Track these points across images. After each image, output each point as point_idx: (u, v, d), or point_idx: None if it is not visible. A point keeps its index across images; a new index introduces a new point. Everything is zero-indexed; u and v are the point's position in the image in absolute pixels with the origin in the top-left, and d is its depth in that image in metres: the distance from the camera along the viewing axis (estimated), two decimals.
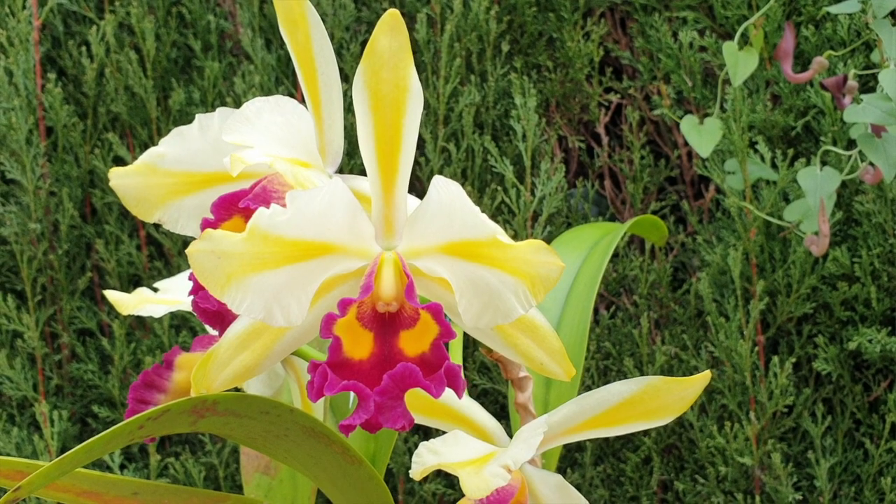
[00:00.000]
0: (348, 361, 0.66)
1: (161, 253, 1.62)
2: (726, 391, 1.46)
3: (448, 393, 0.67)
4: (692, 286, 1.52)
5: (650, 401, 0.82)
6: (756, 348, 1.44)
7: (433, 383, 0.64)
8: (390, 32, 0.67)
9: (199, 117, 0.79)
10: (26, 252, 1.54)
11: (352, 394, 1.09)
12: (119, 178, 0.80)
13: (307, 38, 0.76)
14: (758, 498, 1.43)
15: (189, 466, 1.49)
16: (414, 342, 0.67)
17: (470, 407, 0.85)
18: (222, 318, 0.75)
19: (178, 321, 1.56)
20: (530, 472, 0.81)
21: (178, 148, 0.79)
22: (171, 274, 1.57)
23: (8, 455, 1.49)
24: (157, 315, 0.90)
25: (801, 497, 1.41)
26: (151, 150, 0.80)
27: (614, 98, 1.61)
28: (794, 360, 1.42)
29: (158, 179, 0.80)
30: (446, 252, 0.68)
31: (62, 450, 1.49)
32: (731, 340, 1.44)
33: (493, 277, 0.66)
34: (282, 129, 0.75)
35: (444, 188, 0.66)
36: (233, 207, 0.76)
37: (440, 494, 1.51)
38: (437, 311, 0.65)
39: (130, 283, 1.57)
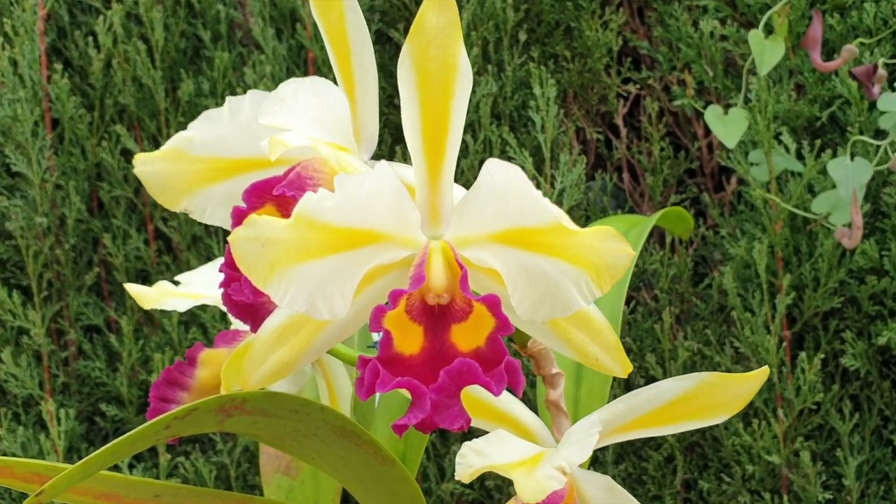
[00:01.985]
0: (399, 357, 0.61)
1: (169, 248, 1.57)
2: None
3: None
4: (714, 280, 1.48)
5: (704, 398, 0.77)
6: (783, 344, 1.40)
7: (493, 380, 0.59)
8: (438, 8, 0.62)
9: (230, 100, 0.74)
10: (32, 247, 1.49)
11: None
12: (145, 165, 0.75)
13: (341, 18, 0.71)
14: (785, 497, 1.39)
15: (199, 466, 1.44)
16: (467, 336, 0.62)
17: (512, 404, 0.80)
18: (255, 311, 0.70)
19: (188, 317, 1.51)
20: (578, 473, 0.77)
21: (207, 132, 0.75)
22: (179, 270, 1.52)
23: (13, 455, 1.44)
24: (180, 309, 0.85)
25: (830, 496, 1.37)
26: (180, 135, 0.75)
27: (633, 89, 1.57)
28: (822, 356, 1.37)
29: (186, 166, 0.75)
30: (499, 241, 0.63)
31: (69, 449, 1.45)
32: (758, 336, 1.39)
33: (552, 267, 0.61)
34: (318, 112, 0.70)
35: (500, 171, 0.62)
36: (265, 195, 0.72)
37: (458, 494, 1.46)
38: (493, 304, 0.61)
39: (138, 278, 1.52)
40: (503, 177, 0.62)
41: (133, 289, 0.87)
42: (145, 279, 1.52)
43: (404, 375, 0.60)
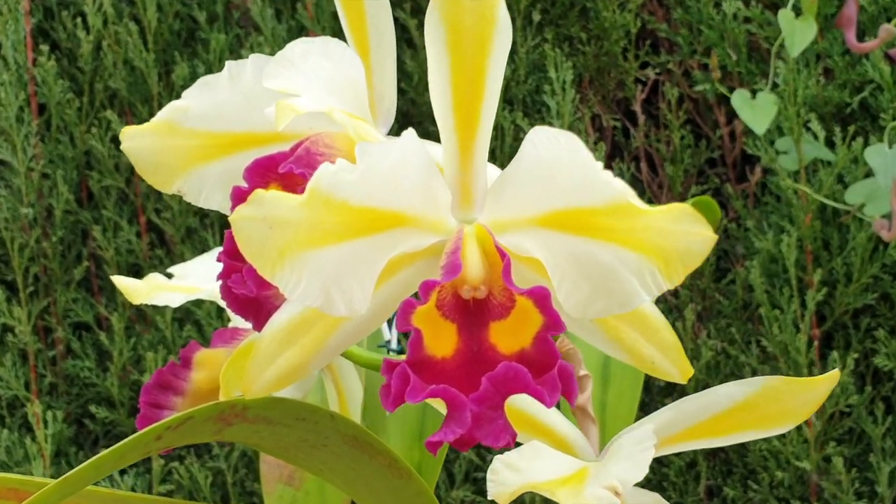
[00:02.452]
0: (431, 360, 0.52)
1: (163, 240, 1.47)
2: None
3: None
4: (738, 275, 1.38)
5: (767, 405, 0.68)
6: (814, 343, 1.31)
7: (545, 388, 0.49)
8: None
9: (229, 64, 0.65)
10: (17, 239, 1.39)
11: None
12: (132, 140, 0.65)
13: None
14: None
15: (195, 471, 1.34)
16: (509, 336, 0.52)
17: (547, 412, 0.70)
18: (259, 306, 0.60)
19: (182, 314, 1.41)
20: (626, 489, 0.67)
21: (203, 101, 0.65)
22: (173, 263, 1.42)
23: None
24: (173, 304, 0.75)
25: None
26: (172, 105, 0.65)
27: (651, 74, 1.48)
28: (855, 355, 1.28)
29: (180, 141, 0.66)
30: (544, 224, 0.54)
31: (56, 453, 1.35)
32: (787, 334, 1.30)
33: (609, 255, 0.52)
34: (331, 77, 0.61)
35: (548, 142, 0.52)
36: (270, 173, 0.62)
37: (469, 501, 1.37)
38: (542, 297, 0.51)
39: (130, 272, 1.42)
40: (552, 148, 0.52)
41: (121, 282, 0.77)
42: (137, 273, 1.42)
43: (439, 382, 0.50)
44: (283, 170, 0.61)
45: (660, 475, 1.36)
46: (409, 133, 0.53)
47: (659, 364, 0.59)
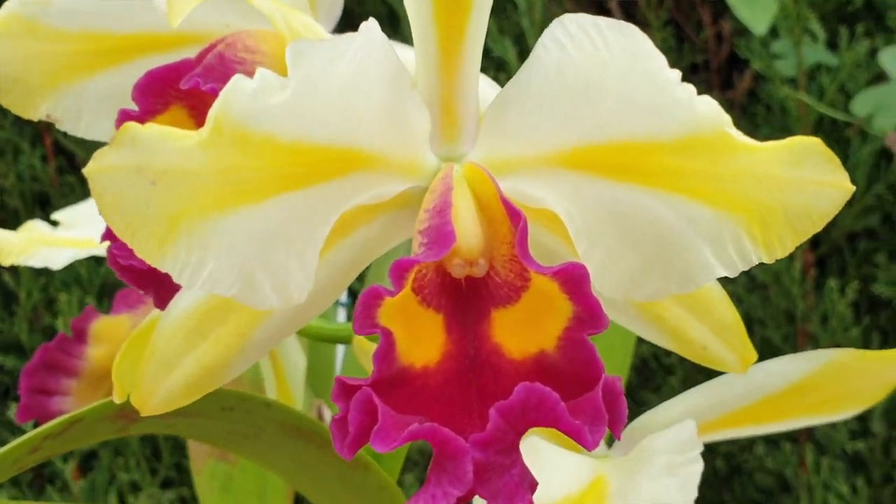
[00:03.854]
0: (407, 375, 0.34)
1: (73, 165, 1.26)
2: (769, 321, 1.19)
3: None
4: None
5: (832, 386, 0.52)
6: (811, 270, 1.16)
7: (584, 419, 0.32)
8: None
9: None
10: None
11: (339, 362, 0.78)
12: None
13: None
14: (808, 446, 1.17)
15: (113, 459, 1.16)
16: (520, 330, 0.35)
17: None
18: (158, 279, 0.42)
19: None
20: None
21: None
22: (88, 192, 1.21)
23: None
24: (55, 265, 0.56)
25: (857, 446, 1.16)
26: None
27: None
28: (855, 284, 1.14)
29: (41, 46, 0.47)
30: (571, 164, 0.36)
31: None
32: (779, 262, 1.15)
33: (672, 211, 0.34)
34: None
35: (586, 40, 0.34)
36: (169, 91, 0.44)
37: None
38: (575, 278, 0.33)
39: (36, 203, 1.22)
40: (592, 50, 0.34)
41: None
42: (45, 205, 1.21)
43: (422, 412, 0.33)
44: (187, 85, 0.43)
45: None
46: (370, 27, 0.35)
47: (712, 350, 0.42)
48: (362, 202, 0.37)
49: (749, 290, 1.22)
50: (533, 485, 0.32)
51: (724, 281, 1.08)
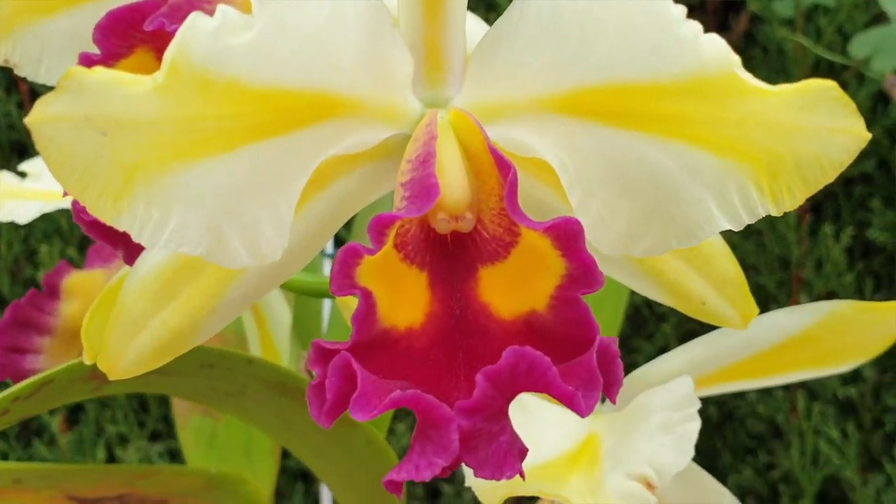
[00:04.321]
0: (389, 337, 0.31)
1: None
2: (763, 267, 1.17)
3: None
4: None
5: (831, 338, 0.50)
6: (806, 216, 1.14)
7: (577, 384, 0.30)
8: None
9: None
10: None
11: (326, 315, 0.76)
12: None
13: None
14: (799, 393, 1.15)
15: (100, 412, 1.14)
16: (509, 289, 0.32)
17: None
18: (128, 234, 0.39)
19: None
20: None
21: None
22: None
23: None
24: (21, 219, 0.53)
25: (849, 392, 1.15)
26: None
27: None
28: (850, 229, 1.12)
29: None
30: (564, 109, 0.33)
31: None
32: None
33: (673, 159, 0.32)
34: None
35: None
36: (134, 32, 0.41)
37: None
38: (568, 233, 0.31)
39: (14, 152, 1.18)
40: None
41: None
42: (23, 154, 1.18)
43: (405, 377, 0.30)
44: (152, 26, 0.40)
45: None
46: None
47: (712, 305, 0.40)
48: (340, 152, 0.34)
49: (744, 236, 1.20)
50: (522, 452, 0.30)
51: None
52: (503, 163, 0.31)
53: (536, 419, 0.47)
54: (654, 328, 1.23)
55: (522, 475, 0.29)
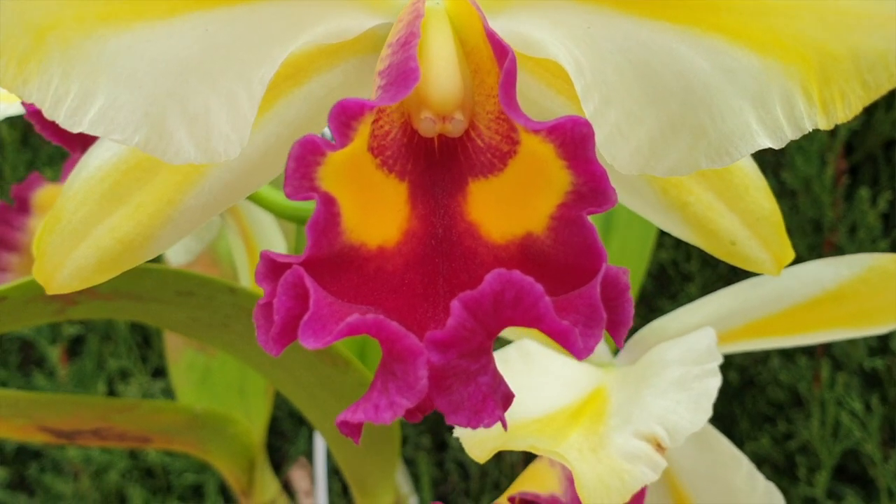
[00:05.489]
0: (357, 255, 0.26)
1: None
2: (795, 230, 1.10)
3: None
4: None
5: (870, 295, 0.44)
6: (842, 178, 1.07)
7: (575, 319, 0.24)
8: None
9: None
10: None
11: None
12: None
13: None
14: (823, 360, 1.10)
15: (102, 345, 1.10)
16: (504, 207, 0.27)
17: None
18: (86, 136, 0.34)
19: None
20: None
21: None
22: None
23: None
24: None
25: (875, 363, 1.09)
26: None
27: None
28: (888, 194, 1.05)
29: None
30: None
31: None
32: (811, 165, 1.06)
33: (708, 60, 0.26)
34: None
35: None
36: None
37: None
38: (576, 137, 0.25)
39: None
40: None
41: None
42: None
43: (373, 303, 0.25)
44: None
45: None
46: None
47: (742, 245, 0.34)
48: (317, 40, 0.29)
49: (778, 195, 1.14)
50: (506, 398, 0.25)
51: None
52: (500, 48, 0.26)
53: (538, 368, 0.42)
54: (679, 288, 1.18)
55: (504, 424, 0.24)
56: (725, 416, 1.13)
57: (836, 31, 0.25)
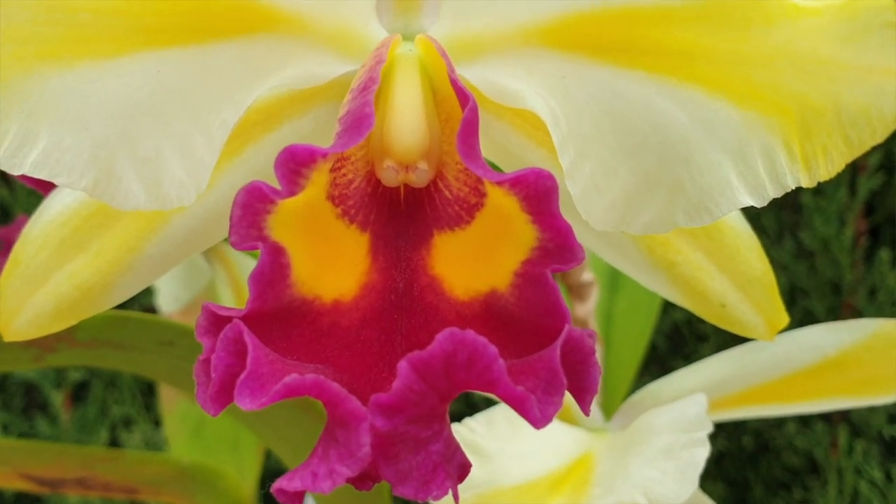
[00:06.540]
0: (310, 308, 0.25)
1: None
2: (813, 291, 1.08)
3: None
4: None
5: (875, 363, 0.42)
6: (861, 239, 1.05)
7: (531, 384, 0.23)
8: None
9: None
10: None
11: None
12: None
13: None
14: (841, 426, 1.07)
15: (106, 391, 1.09)
16: (469, 262, 0.26)
17: None
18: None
19: None
20: None
21: None
22: None
23: None
24: None
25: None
26: None
27: None
28: None
29: None
30: (556, 43, 0.26)
31: None
32: (830, 227, 1.04)
33: (686, 112, 0.25)
34: None
35: None
36: None
37: None
38: (539, 191, 0.24)
39: None
40: None
41: None
42: None
43: (324, 361, 0.24)
44: None
45: None
46: None
47: (733, 308, 0.33)
48: (283, 84, 0.28)
49: (795, 256, 1.11)
50: (462, 467, 0.23)
51: (768, 246, 0.97)
52: (463, 96, 0.25)
53: (525, 431, 0.40)
54: (693, 348, 1.15)
55: (456, 496, 0.23)
56: (739, 482, 1.10)
57: (816, 83, 0.23)
